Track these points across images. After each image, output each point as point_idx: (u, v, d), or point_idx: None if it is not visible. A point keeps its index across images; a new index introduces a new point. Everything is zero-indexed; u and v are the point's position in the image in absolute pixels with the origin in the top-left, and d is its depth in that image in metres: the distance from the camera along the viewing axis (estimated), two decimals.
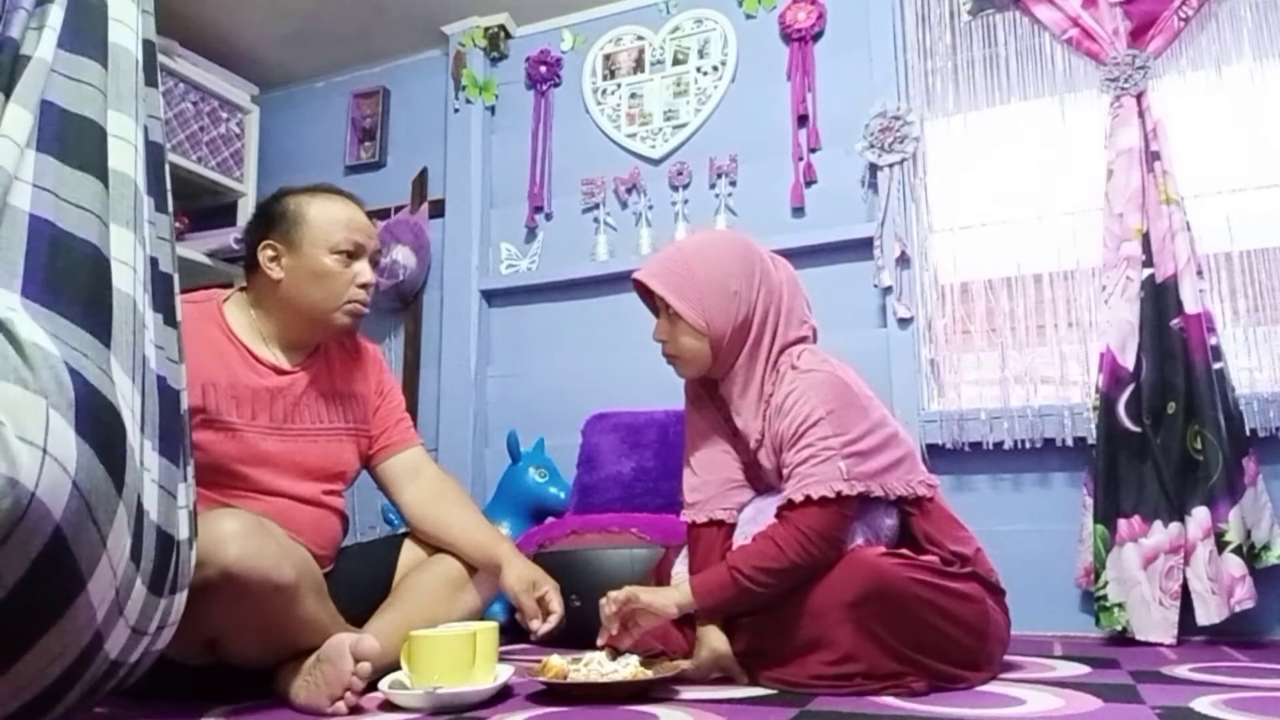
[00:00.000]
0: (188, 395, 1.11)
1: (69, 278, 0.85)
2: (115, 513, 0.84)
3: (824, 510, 1.38)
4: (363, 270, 1.58)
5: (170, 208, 1.09)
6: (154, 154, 1.04)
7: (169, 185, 1.09)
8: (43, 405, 0.76)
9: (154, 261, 1.02)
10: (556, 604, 1.55)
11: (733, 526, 1.55)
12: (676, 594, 1.44)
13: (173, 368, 1.05)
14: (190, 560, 1.08)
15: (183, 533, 1.04)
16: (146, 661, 1.03)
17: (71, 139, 0.89)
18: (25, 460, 0.73)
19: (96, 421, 0.82)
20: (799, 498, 1.39)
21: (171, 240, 1.09)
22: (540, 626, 1.53)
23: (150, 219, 1.02)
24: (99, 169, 0.91)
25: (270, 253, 1.56)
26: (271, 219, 1.57)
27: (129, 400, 0.90)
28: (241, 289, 1.63)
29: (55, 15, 0.92)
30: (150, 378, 0.98)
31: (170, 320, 1.06)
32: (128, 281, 0.93)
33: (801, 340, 1.56)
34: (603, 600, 1.44)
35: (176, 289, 1.10)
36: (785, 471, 1.44)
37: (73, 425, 0.79)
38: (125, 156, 0.96)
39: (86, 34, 0.95)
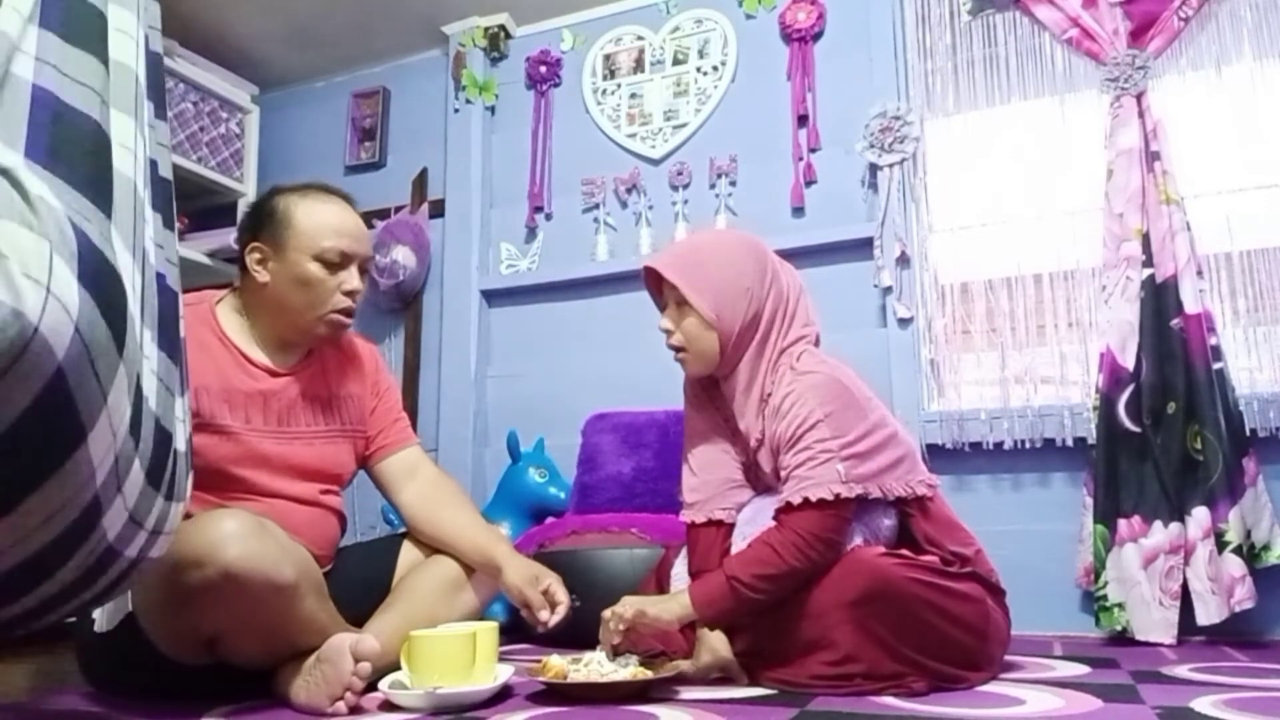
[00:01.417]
0: (183, 309, 1.11)
1: (71, 148, 0.84)
2: (116, 372, 0.83)
3: (822, 513, 1.38)
4: (349, 278, 1.54)
5: (169, 117, 1.09)
6: (154, 62, 1.04)
7: (166, 97, 1.09)
8: (47, 248, 0.75)
9: (153, 163, 1.02)
10: (562, 594, 1.54)
11: (732, 526, 1.55)
12: (676, 605, 1.44)
13: (171, 269, 1.04)
14: (186, 477, 1.07)
15: (180, 444, 1.03)
16: (143, 565, 1.02)
17: (74, 19, 0.89)
18: (30, 295, 0.72)
19: (98, 277, 0.81)
20: (797, 500, 1.38)
21: (169, 148, 1.08)
22: (550, 618, 1.52)
23: (150, 123, 1.02)
24: (101, 53, 0.91)
25: (257, 255, 1.53)
26: (260, 219, 1.54)
27: (129, 274, 0.89)
28: (234, 290, 1.61)
29: None
30: (150, 271, 0.97)
31: (169, 223, 1.05)
32: (128, 165, 0.93)
33: (802, 340, 1.56)
34: (606, 616, 1.42)
35: (173, 196, 1.09)
36: (783, 474, 1.44)
37: (76, 275, 0.78)
38: (127, 50, 0.96)
39: None
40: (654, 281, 1.60)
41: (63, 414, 0.78)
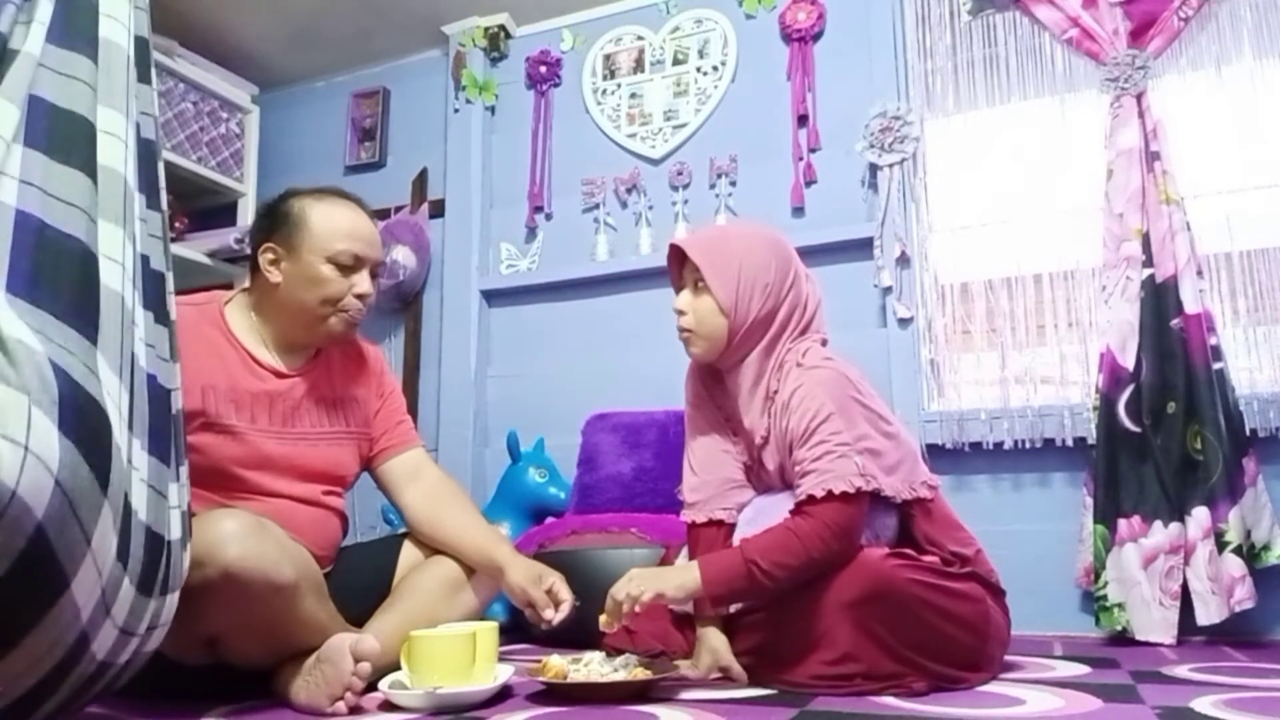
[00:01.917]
0: (186, 397, 1.11)
1: (55, 274, 0.84)
2: (100, 511, 0.83)
3: (845, 505, 1.37)
4: (360, 281, 1.56)
5: (164, 205, 1.08)
6: (146, 150, 1.03)
7: (163, 182, 1.08)
8: (25, 402, 0.75)
9: (145, 259, 1.01)
10: (565, 593, 1.54)
11: (732, 526, 1.55)
12: (688, 580, 1.40)
13: (164, 366, 1.04)
14: (183, 561, 1.07)
15: (174, 533, 1.03)
16: (137, 662, 1.02)
17: (59, 134, 0.88)
18: (7, 458, 0.72)
19: (81, 419, 0.81)
20: (820, 493, 1.37)
21: (164, 238, 1.07)
22: (555, 615, 1.52)
23: (141, 216, 1.01)
24: (87, 165, 0.90)
25: (270, 255, 1.54)
26: (275, 220, 1.56)
27: (115, 398, 0.89)
28: (244, 290, 1.62)
29: (44, 9, 0.91)
30: (140, 376, 0.97)
31: (162, 318, 1.05)
32: (116, 278, 0.92)
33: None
34: (619, 596, 1.38)
35: (169, 287, 1.08)
36: (798, 468, 1.43)
37: (56, 423, 0.78)
38: (115, 152, 0.95)
39: (76, 29, 0.94)
40: (675, 261, 1.59)
41: (45, 570, 0.78)
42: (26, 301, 0.80)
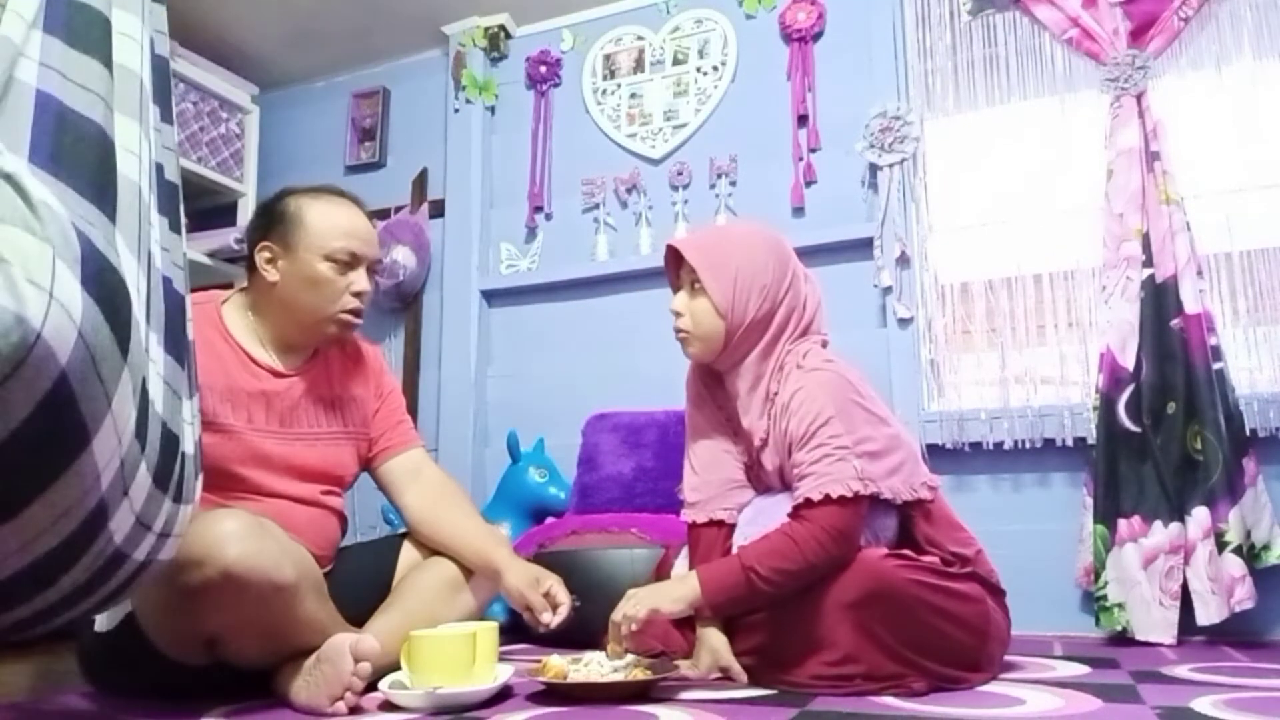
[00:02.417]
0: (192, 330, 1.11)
1: (75, 153, 0.84)
2: (120, 376, 0.83)
3: (843, 509, 1.37)
4: (358, 279, 1.56)
5: (174, 120, 1.08)
6: (160, 66, 1.04)
7: (173, 101, 1.09)
8: (50, 253, 0.75)
9: (159, 167, 1.02)
10: (563, 595, 1.54)
11: (733, 527, 1.55)
12: (686, 591, 1.42)
13: (178, 272, 1.04)
14: (195, 479, 1.07)
15: (188, 447, 1.04)
16: (152, 567, 1.02)
17: (78, 24, 0.88)
18: (33, 301, 0.72)
19: (102, 282, 0.81)
20: (817, 496, 1.37)
21: (176, 153, 1.08)
22: (552, 619, 1.52)
23: (156, 126, 1.02)
24: (105, 57, 0.91)
25: (267, 254, 1.54)
26: (271, 219, 1.56)
27: (134, 278, 0.89)
28: (241, 290, 1.62)
29: None
30: (156, 275, 0.97)
31: (175, 226, 1.05)
32: (133, 169, 0.93)
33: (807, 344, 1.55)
34: (617, 620, 1.40)
35: (180, 200, 1.09)
36: (796, 471, 1.43)
37: (79, 279, 0.78)
38: (131, 54, 0.96)
39: None
40: (672, 262, 1.59)
41: (66, 419, 0.78)
42: (48, 173, 0.81)
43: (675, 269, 1.59)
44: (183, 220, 1.09)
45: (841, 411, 1.41)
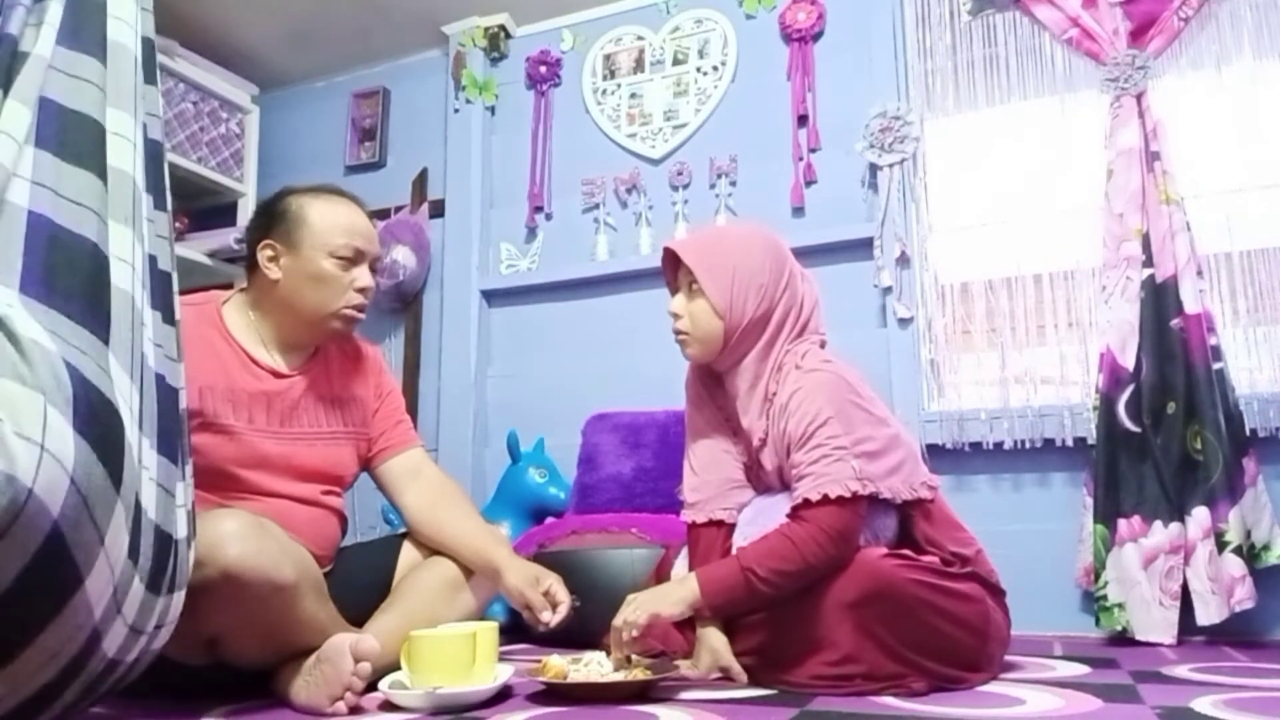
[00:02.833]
0: (185, 396, 1.11)
1: (67, 274, 0.84)
2: (113, 510, 0.83)
3: (841, 510, 1.37)
4: (361, 276, 1.57)
5: (169, 205, 1.08)
6: (153, 151, 1.04)
7: (168, 183, 1.08)
8: (40, 402, 0.75)
9: (152, 259, 1.02)
10: (563, 594, 1.54)
11: (732, 526, 1.55)
12: (686, 592, 1.42)
13: (171, 365, 1.04)
14: (188, 559, 1.08)
15: (181, 531, 1.04)
16: (145, 660, 1.03)
17: (70, 135, 0.89)
18: (23, 457, 0.72)
19: (95, 418, 0.81)
20: (815, 497, 1.37)
21: (170, 238, 1.08)
22: (552, 618, 1.52)
23: (149, 216, 1.02)
24: (98, 166, 0.91)
25: (269, 253, 1.55)
26: (273, 218, 1.56)
27: (127, 398, 0.89)
28: (241, 290, 1.63)
29: (54, 11, 0.92)
30: (149, 376, 0.98)
31: (169, 318, 1.05)
32: (126, 279, 0.92)
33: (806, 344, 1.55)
34: (618, 625, 1.40)
35: (175, 287, 1.09)
36: (795, 471, 1.43)
37: (71, 422, 0.78)
38: (124, 153, 0.95)
39: (86, 31, 0.94)
40: (670, 264, 1.59)
41: (59, 567, 0.78)
42: (40, 302, 0.81)
43: (673, 271, 1.59)
44: (176, 313, 1.09)
45: (840, 412, 1.42)
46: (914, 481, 1.45)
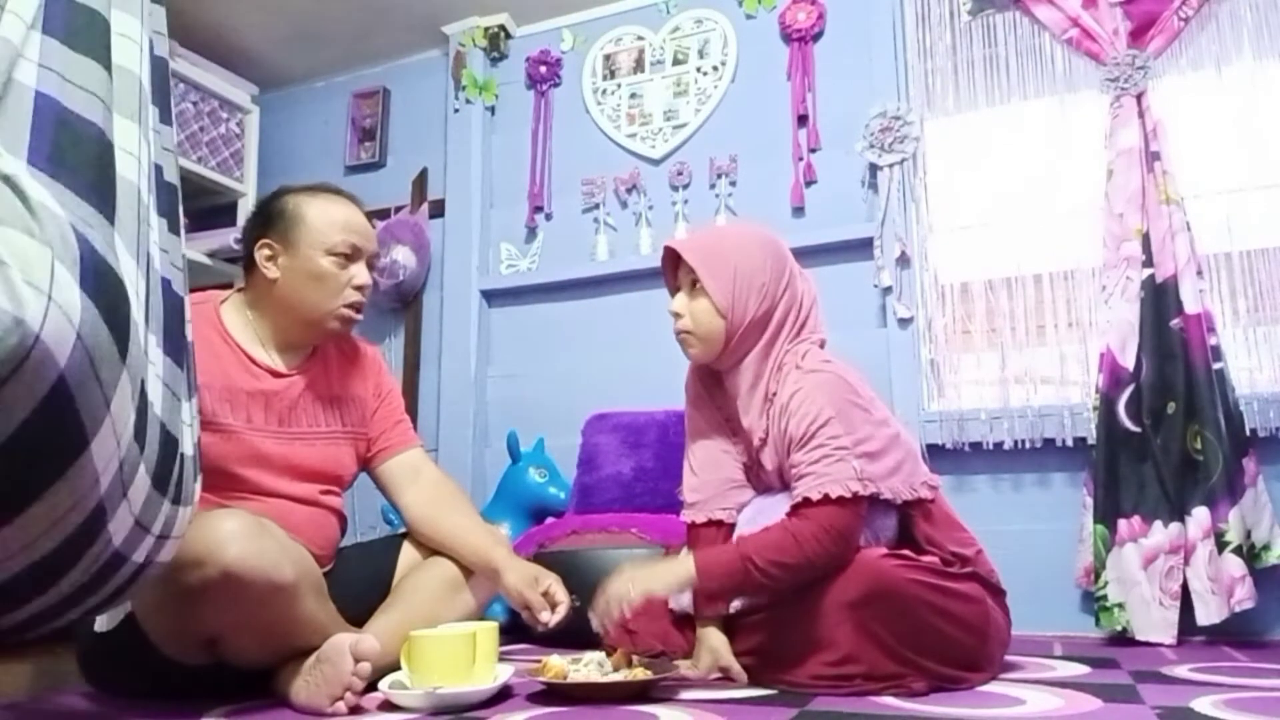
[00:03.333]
0: (190, 331, 1.11)
1: (74, 154, 0.84)
2: (119, 379, 0.83)
3: (842, 509, 1.37)
4: (359, 273, 1.58)
5: (174, 121, 1.09)
6: (159, 67, 1.04)
7: (172, 101, 1.08)
8: (49, 255, 0.75)
9: (159, 169, 1.02)
10: (561, 594, 1.54)
11: (732, 526, 1.55)
12: (681, 571, 1.41)
13: (177, 274, 1.05)
14: (194, 481, 1.07)
15: (187, 448, 1.04)
16: (151, 568, 1.02)
17: (77, 26, 0.89)
18: (31, 303, 0.73)
19: (101, 284, 0.81)
20: (816, 496, 1.37)
21: (175, 153, 1.09)
22: (551, 617, 1.52)
23: (155, 128, 1.02)
24: (104, 59, 0.91)
25: (267, 252, 1.55)
26: (269, 218, 1.57)
27: (133, 280, 0.90)
28: (239, 290, 1.63)
29: None
30: (155, 276, 0.98)
31: (174, 228, 1.06)
32: (132, 170, 0.93)
33: (806, 343, 1.55)
34: (609, 597, 1.40)
35: (179, 200, 1.09)
36: (795, 471, 1.43)
37: (78, 281, 0.78)
38: (130, 54, 0.96)
39: None
40: (670, 264, 1.59)
41: (65, 421, 0.78)
42: (47, 175, 0.81)
43: (673, 270, 1.59)
44: (182, 221, 1.09)
45: (840, 412, 1.42)
46: (914, 481, 1.46)
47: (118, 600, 1.05)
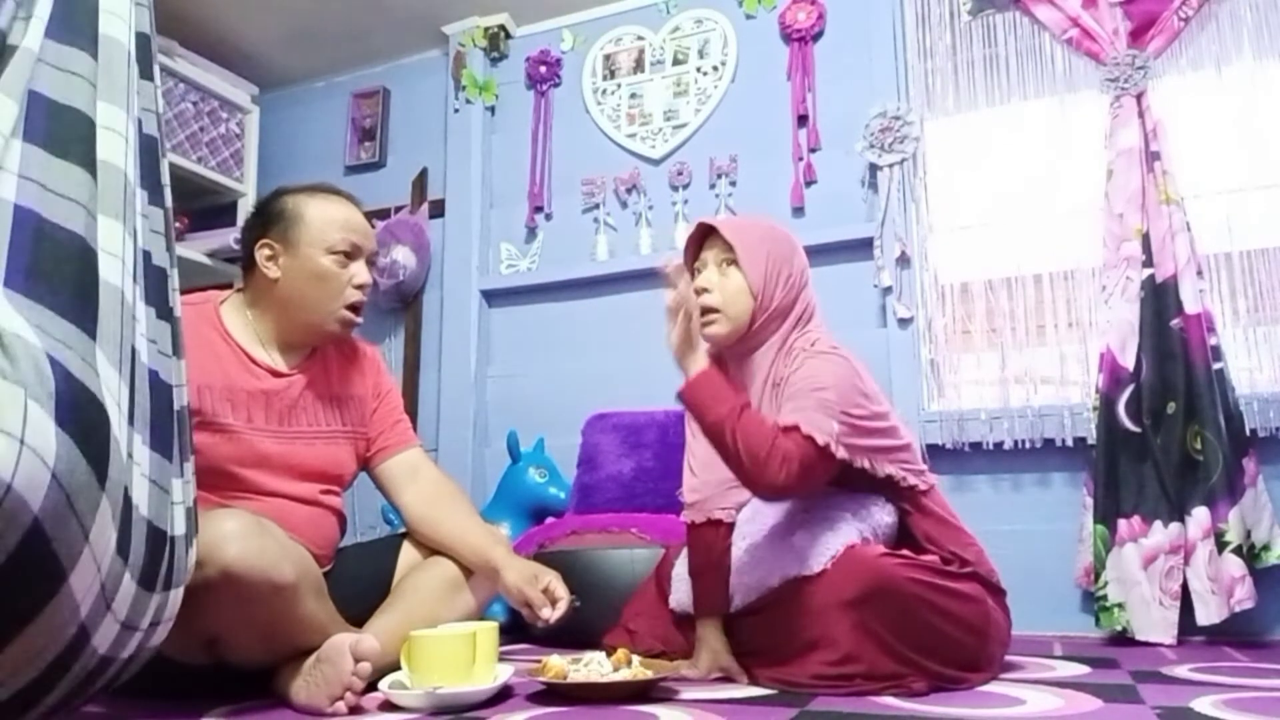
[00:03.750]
0: (185, 394, 1.11)
1: (54, 268, 0.84)
2: (98, 505, 0.83)
3: (812, 449, 1.35)
4: (359, 271, 1.58)
5: (167, 202, 1.08)
6: (148, 147, 1.03)
7: (166, 180, 1.08)
8: (21, 395, 0.75)
9: (147, 255, 1.01)
10: (561, 591, 1.54)
11: (731, 526, 1.54)
12: (701, 358, 1.44)
13: (166, 361, 1.04)
14: (187, 557, 1.07)
15: (178, 529, 1.03)
16: (141, 657, 1.02)
17: (58, 130, 0.88)
18: (2, 451, 0.72)
19: (78, 414, 0.80)
20: (789, 422, 1.37)
21: (168, 235, 1.07)
22: (551, 614, 1.52)
23: (143, 212, 1.01)
24: (86, 160, 0.90)
25: (267, 252, 1.55)
26: (269, 218, 1.57)
27: (115, 393, 0.89)
28: (239, 290, 1.63)
29: (44, 6, 0.91)
30: (141, 371, 0.97)
31: (164, 314, 1.05)
32: (116, 273, 0.92)
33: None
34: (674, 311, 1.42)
35: (173, 283, 1.08)
36: (782, 414, 1.42)
37: (53, 416, 0.77)
38: (115, 148, 0.95)
39: (76, 24, 0.94)
40: (695, 244, 1.59)
41: (41, 563, 0.78)
42: (24, 296, 0.80)
43: (696, 250, 1.59)
44: (173, 305, 1.08)
45: (839, 386, 1.41)
46: (906, 467, 1.46)
47: (111, 688, 1.04)
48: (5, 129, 0.83)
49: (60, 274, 0.84)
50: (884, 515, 1.46)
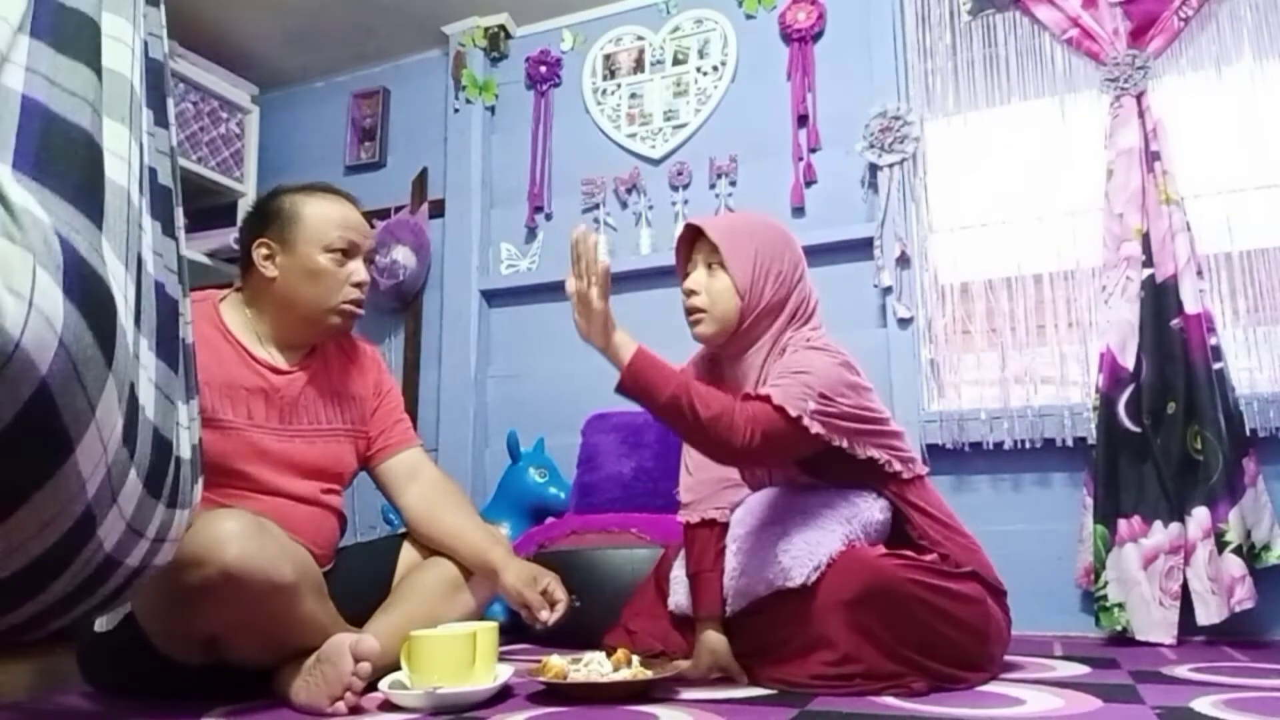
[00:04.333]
0: (191, 333, 1.11)
1: (61, 158, 0.84)
2: (104, 385, 0.83)
3: (779, 418, 1.34)
4: (357, 269, 1.58)
5: (171, 123, 1.08)
6: (154, 69, 1.03)
7: (171, 107, 1.08)
8: (30, 261, 0.75)
9: (153, 172, 1.01)
10: (560, 592, 1.55)
11: (726, 525, 1.54)
12: (625, 341, 1.38)
13: (171, 277, 1.04)
14: (193, 485, 1.07)
15: (183, 450, 1.03)
16: (147, 571, 1.02)
17: (66, 29, 0.88)
18: (10, 309, 0.72)
19: (86, 289, 0.81)
20: (763, 394, 1.36)
21: (172, 157, 1.08)
22: (550, 616, 1.53)
23: (149, 130, 1.01)
24: (93, 62, 0.90)
25: (265, 251, 1.55)
26: (266, 217, 1.57)
27: (122, 287, 0.89)
28: (237, 289, 1.63)
29: None
30: (147, 280, 0.97)
31: (169, 230, 1.05)
32: (122, 174, 0.92)
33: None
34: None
35: (176, 203, 1.08)
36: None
37: (60, 286, 0.78)
38: (121, 58, 0.95)
39: None
40: (686, 245, 1.59)
41: (48, 427, 0.78)
42: (32, 179, 0.80)
43: (687, 251, 1.59)
44: (178, 224, 1.08)
45: (823, 374, 1.40)
46: (886, 447, 1.45)
47: (116, 602, 1.05)
48: (14, 21, 0.83)
49: (67, 164, 0.84)
50: (875, 513, 1.45)
